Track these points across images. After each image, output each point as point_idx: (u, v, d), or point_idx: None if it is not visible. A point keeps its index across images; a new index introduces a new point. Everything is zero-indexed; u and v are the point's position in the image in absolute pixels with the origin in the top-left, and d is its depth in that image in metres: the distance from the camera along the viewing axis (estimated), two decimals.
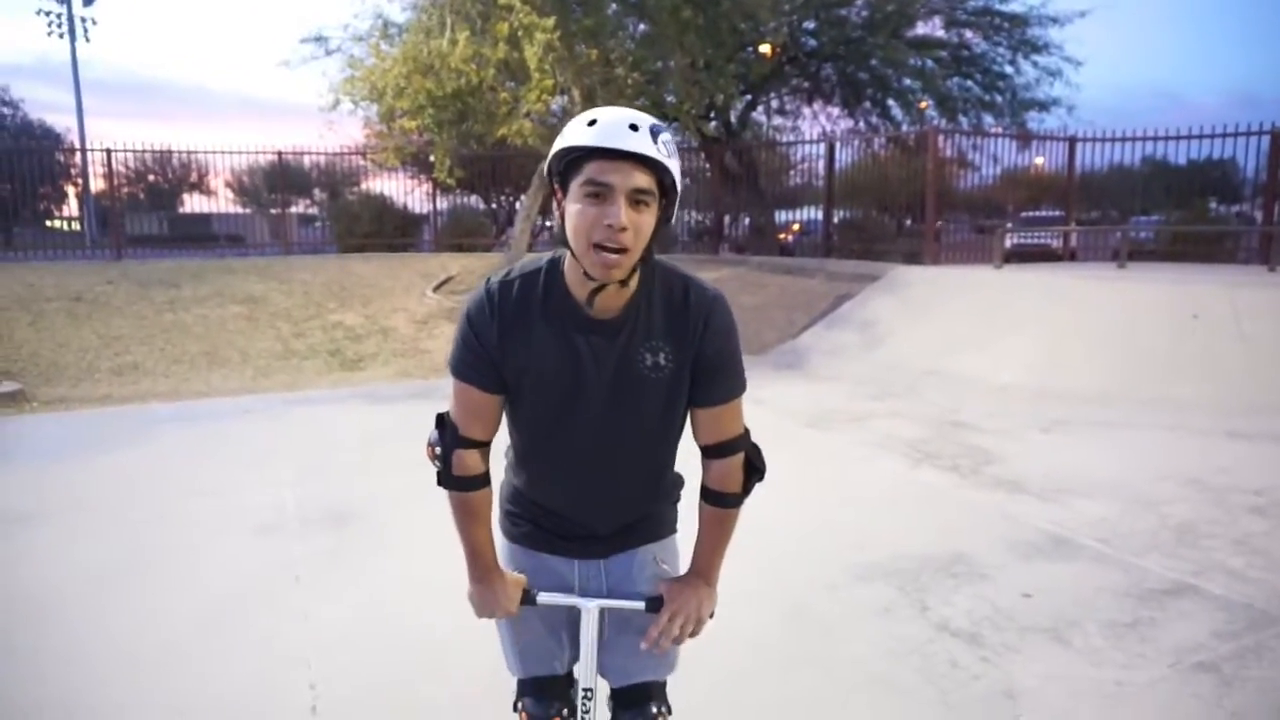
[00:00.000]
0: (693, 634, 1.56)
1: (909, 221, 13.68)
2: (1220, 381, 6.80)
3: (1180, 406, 6.47)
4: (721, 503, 1.57)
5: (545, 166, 1.39)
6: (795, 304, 11.17)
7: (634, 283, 1.40)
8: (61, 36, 28.00)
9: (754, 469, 1.59)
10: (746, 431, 1.58)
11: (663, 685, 1.70)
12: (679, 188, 1.36)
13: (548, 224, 19.52)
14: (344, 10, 32.80)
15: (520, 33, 9.99)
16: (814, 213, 16.08)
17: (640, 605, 1.56)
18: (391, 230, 16.22)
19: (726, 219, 17.18)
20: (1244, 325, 7.30)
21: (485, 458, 1.53)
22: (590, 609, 1.56)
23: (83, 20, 28.38)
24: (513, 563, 1.66)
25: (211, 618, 3.26)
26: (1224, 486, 4.80)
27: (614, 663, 1.64)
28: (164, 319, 10.11)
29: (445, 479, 1.51)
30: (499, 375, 1.45)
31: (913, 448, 5.70)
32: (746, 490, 1.59)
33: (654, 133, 1.29)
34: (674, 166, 1.32)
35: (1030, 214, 16.47)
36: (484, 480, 1.53)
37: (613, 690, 1.68)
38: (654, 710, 1.65)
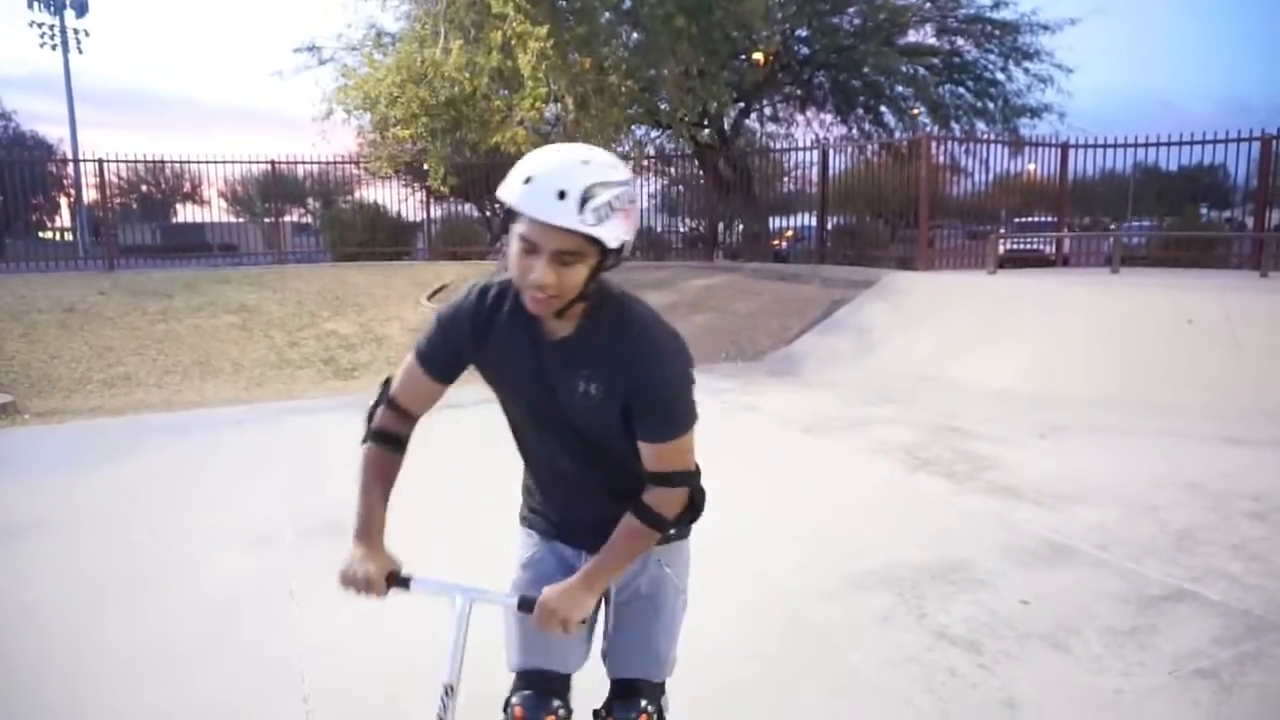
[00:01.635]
0: (562, 626, 1.52)
1: (903, 227, 13.70)
2: (1215, 386, 6.81)
3: (1176, 412, 6.48)
4: (648, 518, 1.52)
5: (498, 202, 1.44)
6: (789, 310, 11.17)
7: (578, 309, 1.47)
8: (54, 48, 27.98)
9: (693, 505, 1.59)
10: (697, 470, 1.58)
11: (657, 686, 1.73)
12: (618, 242, 1.37)
13: None
14: (337, 20, 32.85)
15: (514, 41, 9.99)
16: (808, 219, 16.10)
17: (514, 601, 1.57)
18: (385, 239, 16.19)
19: (720, 226, 17.19)
20: (1237, 330, 7.32)
21: (407, 425, 1.65)
22: (460, 601, 1.56)
23: (75, 32, 28.37)
24: (527, 549, 1.77)
25: (206, 630, 3.23)
26: (1221, 492, 4.79)
27: (611, 651, 1.73)
28: (157, 329, 10.07)
29: (366, 430, 1.64)
30: (447, 370, 1.60)
31: (909, 454, 5.69)
32: (676, 522, 1.58)
33: (584, 201, 1.30)
34: (604, 232, 1.33)
35: (1023, 220, 16.53)
36: (397, 444, 1.64)
37: (611, 681, 1.74)
38: (642, 705, 1.68)
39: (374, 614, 3.34)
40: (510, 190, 1.34)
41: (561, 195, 1.30)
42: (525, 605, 1.53)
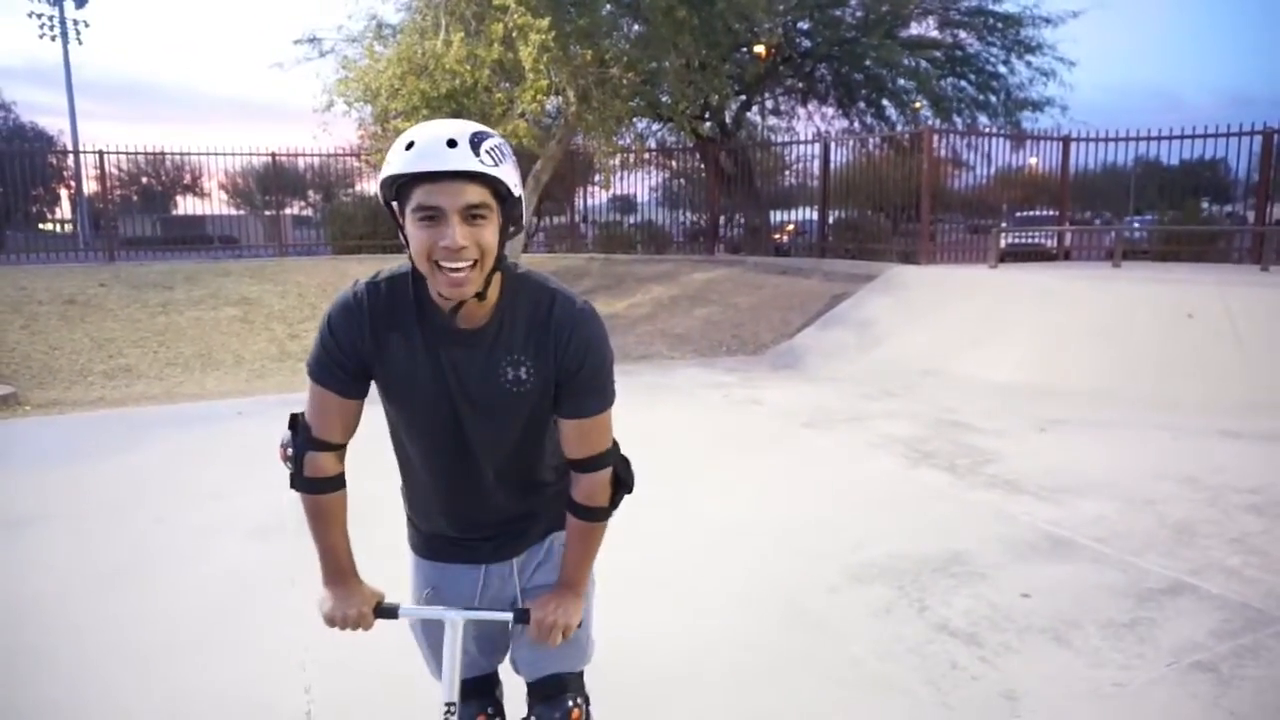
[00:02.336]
0: (564, 634, 1.53)
1: (904, 221, 13.68)
2: (1215, 380, 6.82)
3: (1176, 406, 6.49)
4: (588, 516, 1.53)
5: (379, 194, 1.37)
6: (791, 304, 11.18)
7: (492, 294, 1.39)
8: (54, 39, 27.85)
9: (621, 483, 1.54)
10: (615, 445, 1.54)
11: (579, 676, 1.68)
12: (518, 192, 1.34)
13: (542, 225, 19.52)
14: (337, 11, 32.80)
15: (515, 33, 9.97)
16: (809, 213, 16.09)
17: (508, 617, 1.53)
18: (386, 231, 16.14)
19: (721, 219, 17.19)
20: (1238, 324, 7.32)
21: (340, 459, 1.51)
22: (455, 621, 1.51)
23: (75, 23, 28.25)
24: (419, 576, 1.68)
25: (208, 621, 3.25)
26: (1220, 485, 4.80)
27: (525, 656, 1.64)
28: (157, 321, 10.08)
29: (296, 481, 1.50)
30: (357, 380, 1.44)
31: (910, 447, 5.70)
32: (614, 504, 1.55)
33: (475, 144, 1.26)
34: (504, 174, 1.30)
35: (1024, 214, 16.51)
36: (337, 483, 1.52)
37: (528, 685, 1.67)
38: (570, 703, 1.63)
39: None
40: (394, 163, 1.27)
41: (452, 143, 1.25)
42: (521, 617, 1.52)
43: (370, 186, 17.53)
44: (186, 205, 23.64)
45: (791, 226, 18.52)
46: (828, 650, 3.02)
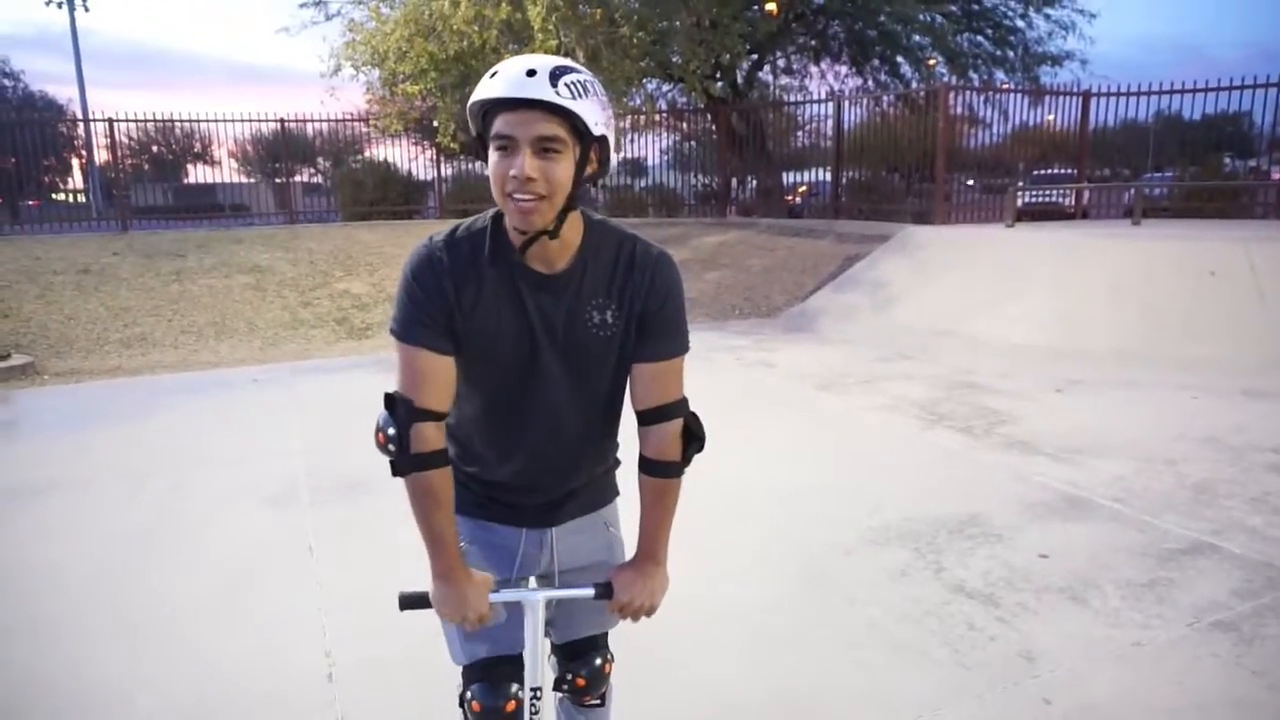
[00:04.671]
0: (647, 614, 1.53)
1: (919, 181, 13.47)
2: (1237, 339, 6.72)
3: (1196, 365, 6.40)
4: (663, 472, 1.50)
5: (469, 123, 1.37)
6: (804, 266, 11.09)
7: (573, 237, 1.39)
8: (60, 6, 27.68)
9: (694, 437, 1.52)
10: (686, 399, 1.52)
11: (605, 635, 1.69)
12: (600, 131, 1.30)
13: None
14: None
15: None
16: (822, 174, 15.88)
17: (589, 592, 1.49)
18: (396, 197, 16.11)
19: (733, 181, 17.00)
20: (1261, 282, 7.19)
21: (443, 432, 1.42)
22: (537, 601, 1.46)
23: None
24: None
25: (226, 587, 3.28)
26: (1242, 445, 4.75)
27: (565, 621, 1.64)
28: (171, 290, 10.10)
29: (403, 461, 1.38)
30: (451, 335, 1.39)
31: (925, 409, 5.66)
32: (686, 460, 1.52)
33: (555, 76, 1.25)
34: (583, 109, 1.27)
35: (1042, 172, 16.24)
36: (443, 457, 1.41)
37: (556, 645, 1.68)
38: (598, 661, 1.65)
39: (393, 569, 3.38)
40: (479, 90, 1.29)
41: (531, 73, 1.24)
42: (604, 593, 1.48)
43: (379, 152, 17.42)
44: (197, 173, 23.64)
45: (804, 188, 18.29)
46: (844, 613, 3.01)
